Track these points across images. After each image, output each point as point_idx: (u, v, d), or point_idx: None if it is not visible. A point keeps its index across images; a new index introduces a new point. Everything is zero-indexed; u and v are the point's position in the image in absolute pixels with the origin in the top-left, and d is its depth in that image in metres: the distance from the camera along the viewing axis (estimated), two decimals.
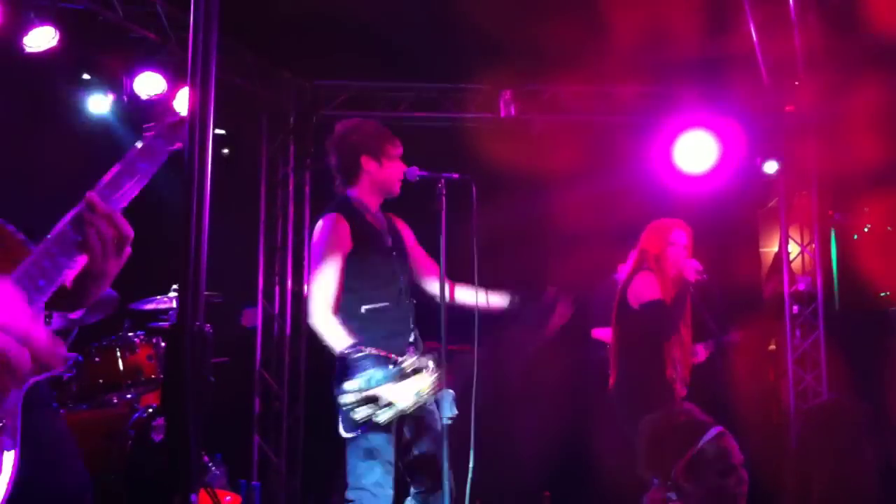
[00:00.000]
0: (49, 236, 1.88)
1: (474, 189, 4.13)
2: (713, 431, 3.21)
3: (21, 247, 1.89)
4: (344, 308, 4.08)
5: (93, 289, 2.00)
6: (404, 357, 3.82)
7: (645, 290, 5.30)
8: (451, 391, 4.02)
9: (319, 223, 4.19)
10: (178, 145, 2.23)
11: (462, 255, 4.29)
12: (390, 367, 3.76)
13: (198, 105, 1.21)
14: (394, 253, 4.26)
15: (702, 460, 3.16)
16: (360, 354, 3.81)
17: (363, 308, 4.09)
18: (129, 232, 1.97)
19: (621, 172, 7.59)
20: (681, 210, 5.75)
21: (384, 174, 4.24)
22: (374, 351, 3.85)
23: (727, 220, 7.86)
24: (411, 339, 4.16)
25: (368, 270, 4.12)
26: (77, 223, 1.90)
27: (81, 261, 1.93)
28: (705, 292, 5.53)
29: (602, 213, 6.95)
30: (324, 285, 4.02)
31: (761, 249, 8.64)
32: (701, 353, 5.94)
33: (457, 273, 4.39)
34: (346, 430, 3.94)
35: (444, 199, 4.05)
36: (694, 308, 5.44)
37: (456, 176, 4.10)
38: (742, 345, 7.42)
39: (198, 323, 1.06)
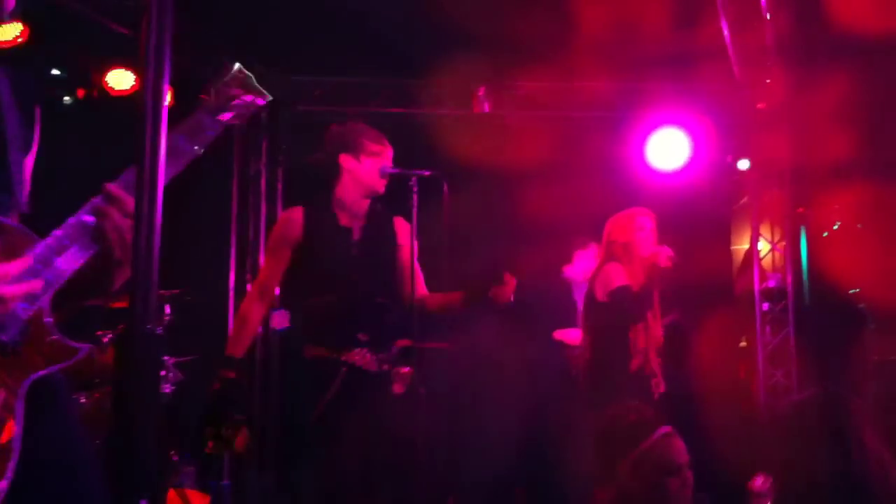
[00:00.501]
0: (59, 230, 1.86)
1: (445, 187, 4.13)
2: (660, 431, 3.23)
3: (25, 240, 1.84)
4: (293, 297, 4.25)
5: (116, 276, 1.96)
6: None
7: (611, 278, 5.28)
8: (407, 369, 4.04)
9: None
10: (227, 116, 2.20)
11: (434, 252, 4.29)
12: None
13: (150, 94, 1.18)
14: (357, 251, 4.24)
15: (646, 459, 3.17)
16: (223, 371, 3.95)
17: (305, 303, 4.17)
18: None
19: (593, 168, 7.61)
20: (653, 206, 5.73)
21: (363, 170, 4.21)
22: None
23: (699, 217, 7.87)
24: (363, 339, 4.11)
25: (317, 265, 4.14)
26: (93, 213, 1.88)
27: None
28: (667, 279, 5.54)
29: (574, 209, 6.95)
30: (261, 276, 4.23)
31: (733, 247, 8.67)
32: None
33: (428, 270, 4.38)
34: None
35: (415, 196, 4.05)
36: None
37: (427, 173, 4.10)
38: (712, 341, 7.47)
39: (149, 326, 1.04)
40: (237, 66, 2.24)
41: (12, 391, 1.73)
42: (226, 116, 2.17)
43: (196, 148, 2.08)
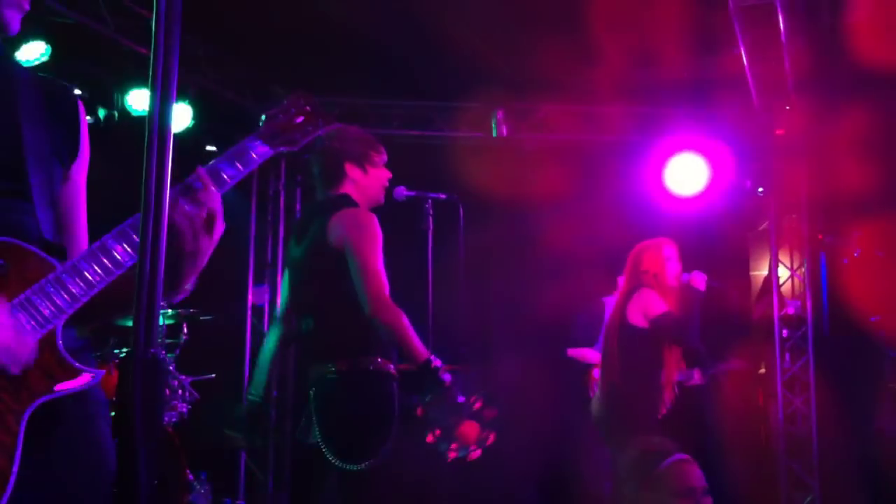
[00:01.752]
0: (102, 239, 1.82)
1: (461, 210, 4.13)
2: (676, 457, 3.25)
3: (40, 266, 1.80)
4: (353, 308, 3.66)
5: (188, 269, 1.91)
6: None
7: (652, 304, 5.25)
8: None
9: (363, 217, 3.78)
10: (280, 148, 2.16)
11: (449, 275, 4.28)
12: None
13: (157, 111, 1.18)
14: None
15: (661, 482, 3.19)
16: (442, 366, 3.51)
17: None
18: (217, 207, 1.92)
19: (611, 193, 7.59)
20: (671, 232, 5.74)
21: (368, 181, 3.99)
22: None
23: (717, 242, 7.84)
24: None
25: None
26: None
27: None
28: (720, 301, 5.51)
29: (591, 234, 6.94)
30: (384, 281, 3.63)
31: (751, 273, 8.62)
32: (697, 377, 5.92)
33: (444, 292, 4.36)
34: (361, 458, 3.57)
35: (431, 218, 4.05)
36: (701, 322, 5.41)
37: (443, 196, 4.10)
38: (732, 368, 7.42)
39: (152, 350, 1.04)
40: (304, 94, 2.22)
41: (17, 415, 1.71)
42: (281, 144, 2.15)
43: (241, 169, 2.06)
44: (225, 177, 2.01)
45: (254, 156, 2.09)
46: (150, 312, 1.06)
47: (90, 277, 1.79)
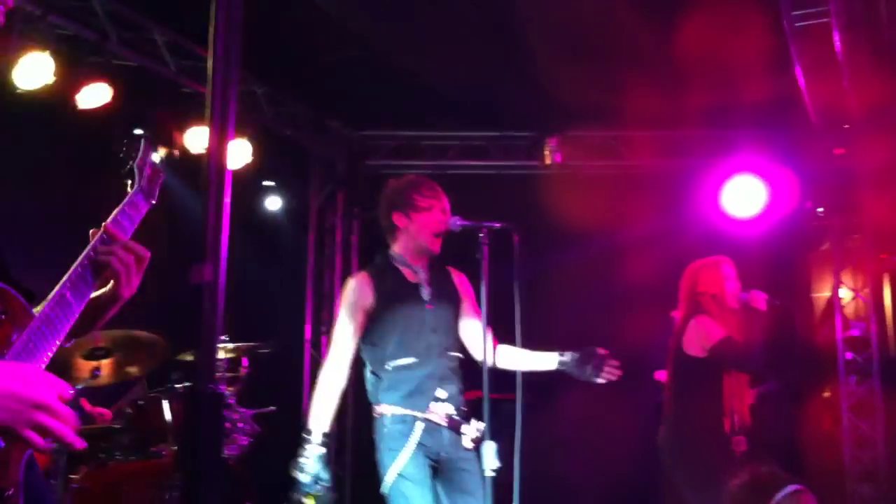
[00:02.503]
0: (60, 288, 1.97)
1: (516, 238, 4.12)
2: (791, 488, 3.21)
3: (25, 312, 1.93)
4: (372, 364, 4.19)
5: (111, 312, 2.17)
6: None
7: (710, 333, 5.03)
8: (493, 443, 4.00)
9: (345, 285, 4.31)
10: (151, 203, 2.39)
11: (506, 306, 4.27)
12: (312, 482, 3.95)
13: (215, 148, 1.22)
14: (428, 307, 4.22)
15: None
16: (308, 446, 3.97)
17: (388, 364, 4.12)
18: (146, 253, 2.15)
19: (669, 218, 7.54)
20: (730, 255, 5.62)
21: (415, 227, 4.20)
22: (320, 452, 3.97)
23: (778, 264, 7.74)
24: (441, 395, 4.10)
25: (394, 326, 4.13)
26: (96, 257, 2.04)
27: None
28: (784, 321, 5.33)
29: (649, 260, 6.89)
30: (337, 346, 4.14)
31: (813, 294, 8.49)
32: (771, 386, 5.66)
33: (500, 324, 4.36)
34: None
35: (486, 248, 4.05)
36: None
37: (497, 225, 4.09)
38: (797, 393, 7.30)
39: (211, 385, 1.07)
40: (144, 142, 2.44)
41: (17, 462, 1.80)
42: (154, 194, 2.40)
43: (133, 226, 2.27)
44: (126, 226, 2.23)
45: (141, 210, 2.34)
46: (212, 348, 1.09)
47: (58, 326, 1.93)
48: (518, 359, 4.26)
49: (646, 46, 6.29)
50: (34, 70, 5.60)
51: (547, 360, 4.32)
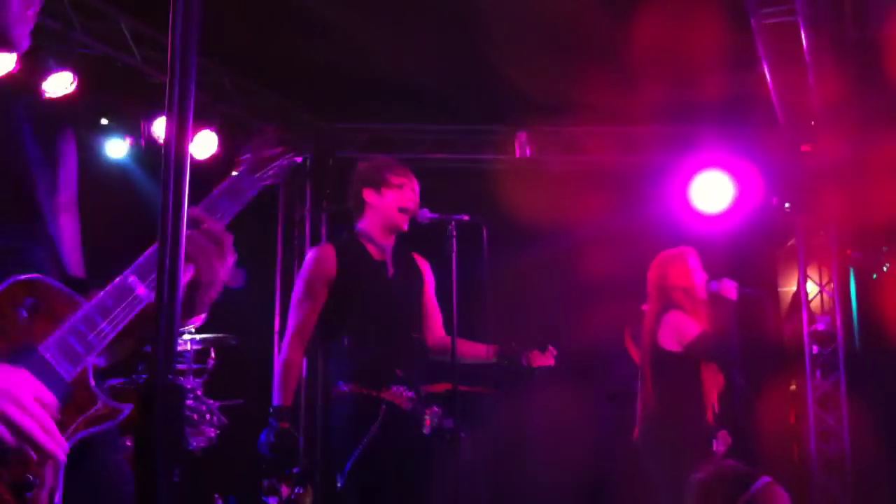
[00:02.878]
0: (124, 274, 1.85)
1: (485, 232, 4.13)
2: (763, 480, 3.23)
3: (67, 302, 1.80)
4: (329, 338, 4.11)
5: (203, 298, 1.95)
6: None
7: (685, 328, 5.01)
8: (436, 409, 4.02)
9: (307, 255, 4.25)
10: (267, 181, 2.24)
11: (474, 298, 4.27)
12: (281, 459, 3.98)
13: (174, 136, 1.19)
14: (393, 286, 4.18)
15: None
16: (273, 423, 3.93)
17: (345, 339, 4.04)
18: (225, 236, 1.97)
19: (637, 213, 7.57)
20: (698, 249, 5.63)
21: (385, 203, 4.16)
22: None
23: (745, 259, 7.80)
24: (400, 374, 4.03)
25: (355, 301, 4.05)
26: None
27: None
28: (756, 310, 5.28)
29: (616, 255, 6.90)
30: (298, 319, 4.09)
31: (780, 289, 8.57)
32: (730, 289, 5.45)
33: (467, 315, 4.36)
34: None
35: (454, 241, 4.05)
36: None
37: (466, 218, 4.10)
38: (762, 386, 7.35)
39: (170, 377, 1.06)
40: (272, 128, 2.29)
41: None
42: (264, 177, 2.22)
43: (236, 209, 2.11)
44: (216, 205, 2.08)
45: (249, 193, 2.17)
46: (170, 338, 1.07)
47: (115, 315, 1.81)
48: (468, 350, 4.24)
49: (614, 42, 6.30)
50: None
51: (487, 353, 4.30)
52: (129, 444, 5.41)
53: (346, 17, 6.23)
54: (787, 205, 7.97)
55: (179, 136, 1.18)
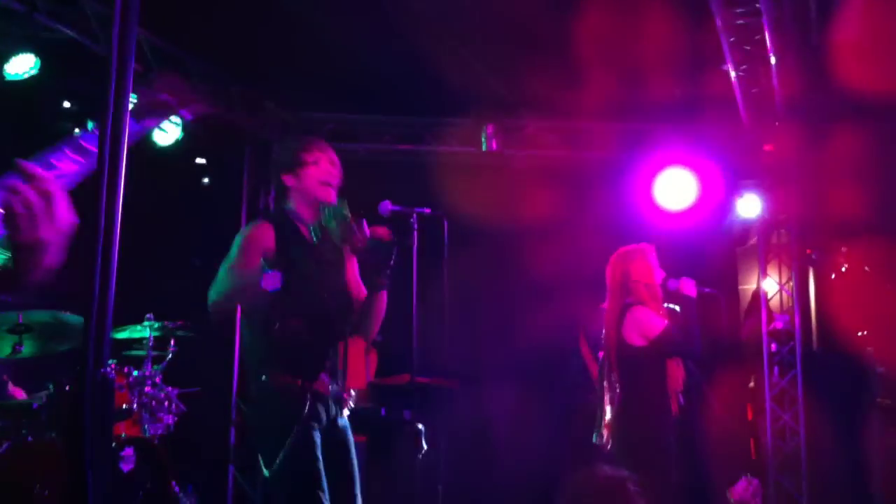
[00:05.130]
0: None
1: (446, 225, 4.12)
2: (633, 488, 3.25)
3: None
4: (256, 324, 3.83)
5: (31, 260, 1.77)
6: None
7: (649, 324, 5.03)
8: (421, 426, 3.99)
9: (243, 229, 3.99)
10: (145, 129, 2.19)
11: (435, 292, 4.27)
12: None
13: (110, 122, 1.18)
14: (327, 268, 4.00)
15: None
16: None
17: (276, 325, 3.77)
18: (58, 196, 1.77)
19: (600, 210, 7.60)
20: (659, 246, 5.67)
21: (304, 183, 3.98)
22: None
23: (706, 257, 7.86)
24: (328, 364, 3.87)
25: (286, 282, 3.69)
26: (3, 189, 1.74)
27: None
28: (713, 308, 5.34)
29: (579, 251, 6.93)
30: (232, 268, 3.77)
31: (740, 287, 8.65)
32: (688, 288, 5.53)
33: (429, 310, 4.34)
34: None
35: (416, 233, 4.04)
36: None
37: (428, 211, 4.09)
38: (720, 381, 7.43)
39: (102, 370, 1.05)
40: (168, 74, 2.24)
41: None
42: (146, 124, 2.17)
43: (79, 168, 2.02)
44: (54, 162, 1.97)
45: (88, 147, 2.03)
46: (102, 329, 1.07)
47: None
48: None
49: (582, 40, 6.32)
50: None
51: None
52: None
53: (315, 5, 6.20)
54: (747, 208, 8.03)
55: (116, 121, 1.17)
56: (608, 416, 5.16)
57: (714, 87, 6.78)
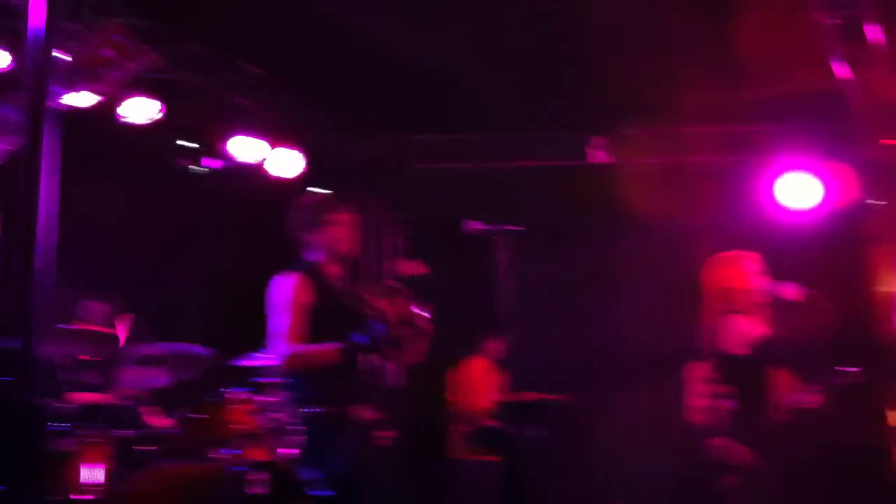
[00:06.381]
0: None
1: (536, 240, 4.14)
2: None
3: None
4: None
5: None
6: None
7: (748, 331, 4.94)
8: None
9: (283, 281, 4.30)
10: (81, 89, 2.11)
11: (536, 301, 4.28)
12: None
13: (30, 126, 1.18)
14: (349, 311, 4.32)
15: None
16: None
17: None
18: None
19: (716, 215, 7.46)
20: (785, 251, 5.48)
21: (330, 241, 4.38)
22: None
23: (838, 258, 7.60)
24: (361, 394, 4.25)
25: (327, 326, 4.19)
26: None
27: None
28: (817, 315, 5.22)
29: (696, 259, 6.80)
30: (294, 333, 4.15)
31: (876, 289, 8.27)
32: (812, 397, 5.53)
33: (527, 320, 4.33)
34: None
35: (503, 250, 4.09)
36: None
37: (515, 228, 4.13)
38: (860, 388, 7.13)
39: (33, 400, 1.07)
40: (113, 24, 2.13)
41: None
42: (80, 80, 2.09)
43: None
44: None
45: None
46: (27, 357, 1.07)
47: None
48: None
49: (691, 44, 6.23)
50: None
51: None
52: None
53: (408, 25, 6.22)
54: (882, 202, 7.72)
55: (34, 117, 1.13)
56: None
57: (826, 84, 6.55)
